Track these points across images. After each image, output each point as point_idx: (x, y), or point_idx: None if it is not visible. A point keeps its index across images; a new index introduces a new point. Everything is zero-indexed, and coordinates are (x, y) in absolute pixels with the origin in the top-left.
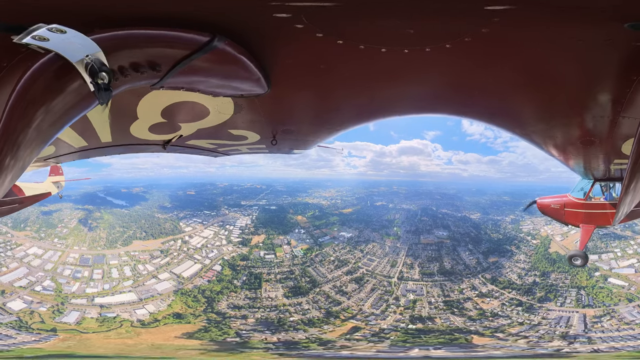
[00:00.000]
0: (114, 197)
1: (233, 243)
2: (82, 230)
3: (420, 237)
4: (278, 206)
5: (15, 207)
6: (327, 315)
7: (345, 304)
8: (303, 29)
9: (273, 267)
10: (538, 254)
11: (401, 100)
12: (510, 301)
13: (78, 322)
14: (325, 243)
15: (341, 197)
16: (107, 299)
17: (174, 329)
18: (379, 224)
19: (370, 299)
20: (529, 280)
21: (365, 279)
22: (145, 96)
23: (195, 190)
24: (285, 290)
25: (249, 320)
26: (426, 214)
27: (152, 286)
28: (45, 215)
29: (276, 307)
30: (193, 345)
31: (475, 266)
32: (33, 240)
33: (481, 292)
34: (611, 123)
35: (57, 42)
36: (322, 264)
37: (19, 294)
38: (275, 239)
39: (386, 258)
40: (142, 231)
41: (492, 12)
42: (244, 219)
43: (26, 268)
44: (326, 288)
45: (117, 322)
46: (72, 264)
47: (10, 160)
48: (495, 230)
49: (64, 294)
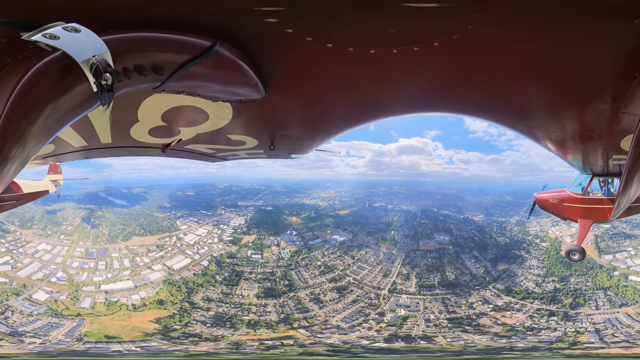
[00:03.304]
0: (115, 197)
1: (224, 242)
2: (86, 228)
3: (420, 243)
4: (274, 207)
5: (13, 203)
6: (282, 320)
7: (313, 313)
8: (293, 33)
9: (257, 266)
10: (551, 257)
11: (397, 100)
12: (538, 312)
13: (92, 306)
14: (316, 246)
15: (339, 197)
16: (110, 285)
17: (153, 314)
18: (376, 226)
19: (347, 311)
20: (549, 287)
21: (349, 289)
22: (147, 99)
23: (195, 190)
24: (259, 291)
25: (210, 312)
26: (426, 215)
27: (146, 275)
28: (49, 214)
29: (241, 305)
30: (147, 329)
31: (484, 276)
32: (41, 237)
33: (497, 306)
34: (611, 118)
35: (67, 41)
36: (306, 269)
37: (39, 286)
38: (266, 239)
39: (379, 266)
40: (141, 228)
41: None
42: (238, 219)
43: (39, 262)
44: (302, 294)
45: (117, 306)
46: (79, 257)
47: (14, 152)
48: (501, 234)
49: (76, 283)
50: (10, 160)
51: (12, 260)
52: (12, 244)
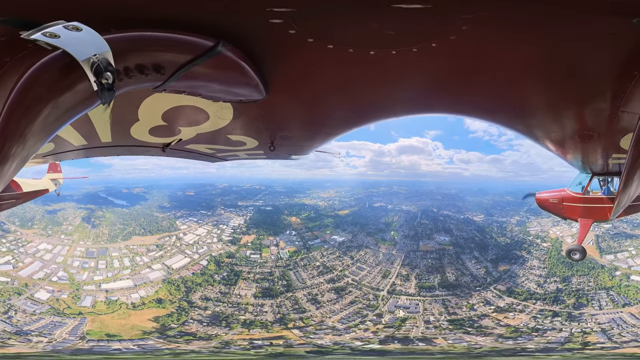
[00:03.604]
0: (115, 197)
1: (223, 241)
2: (86, 228)
3: (420, 243)
4: (274, 207)
5: (13, 202)
6: (278, 320)
7: (310, 314)
8: (295, 34)
9: (255, 266)
10: (552, 258)
11: (396, 102)
12: (541, 313)
13: (93, 305)
14: (315, 247)
15: (339, 198)
16: (110, 284)
17: (152, 312)
18: (375, 227)
19: (344, 312)
20: (551, 287)
21: (347, 290)
22: (147, 98)
23: (195, 190)
24: (257, 290)
25: (207, 312)
26: (426, 216)
27: (145, 274)
28: (50, 214)
29: (238, 304)
30: (146, 327)
31: (485, 277)
32: (42, 237)
33: (499, 307)
34: (610, 117)
35: (68, 39)
36: (305, 269)
37: (41, 285)
38: (265, 239)
39: (378, 267)
40: (141, 228)
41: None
42: (237, 219)
43: (40, 262)
44: (300, 294)
45: (117, 304)
46: (80, 256)
47: (14, 150)
48: (502, 234)
49: (77, 282)
50: (10, 159)
51: (13, 260)
52: (13, 243)
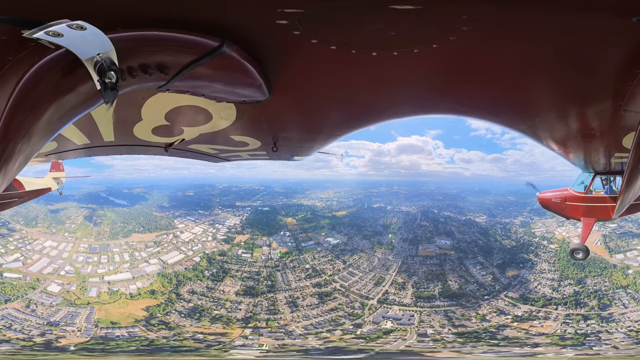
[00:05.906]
0: (115, 197)
1: (217, 240)
2: (88, 226)
3: (419, 248)
4: (271, 207)
5: (16, 201)
6: (244, 319)
7: (282, 316)
8: (299, 35)
9: (244, 265)
10: (562, 260)
11: (398, 103)
12: (569, 317)
13: (98, 295)
14: (307, 249)
15: (338, 198)
16: (112, 277)
17: (145, 302)
18: (372, 229)
19: (318, 319)
20: (568, 291)
21: (332, 296)
22: (151, 98)
23: (194, 191)
24: (240, 288)
25: (189, 304)
26: (427, 217)
27: (143, 268)
28: (52, 214)
29: (218, 299)
30: (138, 316)
31: (492, 284)
32: (46, 235)
33: (517, 316)
34: (612, 116)
35: (71, 38)
36: (293, 271)
37: (51, 279)
38: (259, 239)
39: (371, 273)
40: (140, 226)
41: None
42: (233, 219)
43: (47, 258)
44: (280, 296)
45: (118, 294)
46: (83, 252)
47: (17, 149)
48: (506, 236)
49: (82, 275)
50: (14, 157)
51: (22, 257)
52: (20, 241)
